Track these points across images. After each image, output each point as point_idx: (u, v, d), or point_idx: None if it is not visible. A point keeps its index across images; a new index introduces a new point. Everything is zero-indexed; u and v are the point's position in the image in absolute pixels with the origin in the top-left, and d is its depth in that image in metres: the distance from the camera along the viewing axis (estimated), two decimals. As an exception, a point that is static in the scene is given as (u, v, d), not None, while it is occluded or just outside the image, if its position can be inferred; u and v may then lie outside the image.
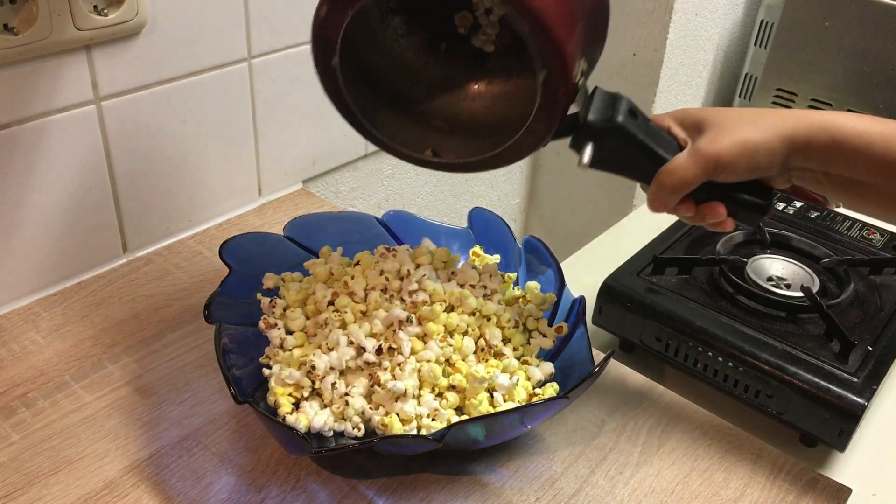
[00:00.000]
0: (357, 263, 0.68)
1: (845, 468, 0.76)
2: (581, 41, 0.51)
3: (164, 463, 0.58)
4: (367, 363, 0.58)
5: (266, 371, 0.59)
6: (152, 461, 0.58)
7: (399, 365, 0.58)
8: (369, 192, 1.07)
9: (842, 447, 0.73)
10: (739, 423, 0.65)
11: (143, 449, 0.59)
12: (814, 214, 1.00)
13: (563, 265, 0.67)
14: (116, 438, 0.59)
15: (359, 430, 0.56)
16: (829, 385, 0.73)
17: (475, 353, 0.61)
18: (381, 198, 1.09)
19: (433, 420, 0.56)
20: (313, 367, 0.58)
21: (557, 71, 0.50)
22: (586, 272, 0.96)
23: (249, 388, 0.59)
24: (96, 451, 0.58)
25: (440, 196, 1.20)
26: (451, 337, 0.61)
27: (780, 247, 0.93)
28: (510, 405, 0.58)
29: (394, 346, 0.59)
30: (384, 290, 0.64)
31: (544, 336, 0.63)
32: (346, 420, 0.56)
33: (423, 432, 0.56)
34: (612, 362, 0.68)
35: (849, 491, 0.59)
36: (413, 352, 0.59)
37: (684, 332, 0.80)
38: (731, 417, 0.65)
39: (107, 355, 0.67)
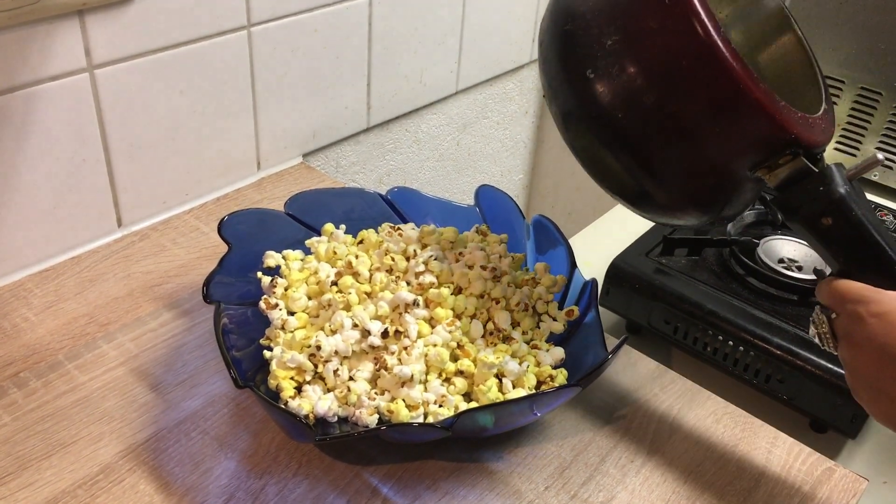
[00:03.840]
0: (361, 242, 0.65)
1: (856, 455, 0.75)
2: None
3: (162, 447, 0.56)
4: (373, 347, 0.56)
5: (267, 353, 0.57)
6: (149, 445, 0.56)
7: (406, 349, 0.56)
8: (371, 167, 1.04)
9: (854, 434, 0.71)
10: (748, 407, 0.63)
11: (139, 432, 0.57)
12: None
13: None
14: (112, 421, 0.57)
15: (372, 414, 0.54)
16: (841, 370, 0.71)
17: (483, 336, 0.59)
18: (382, 172, 1.07)
19: (440, 406, 0.55)
20: (318, 348, 0.56)
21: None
22: (592, 251, 0.94)
23: (250, 370, 0.57)
24: (91, 434, 0.56)
25: (443, 171, 1.18)
26: (459, 320, 0.59)
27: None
28: (520, 392, 0.56)
29: (400, 329, 0.57)
30: (390, 271, 0.62)
31: (554, 320, 0.61)
32: (351, 406, 0.55)
33: (430, 419, 0.54)
34: (623, 347, 0.66)
35: (865, 482, 0.58)
36: (420, 335, 0.57)
37: (693, 315, 0.78)
38: (740, 402, 0.64)
39: (101, 334, 0.65)
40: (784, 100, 0.47)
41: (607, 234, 1.00)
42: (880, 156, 0.50)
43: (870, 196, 0.99)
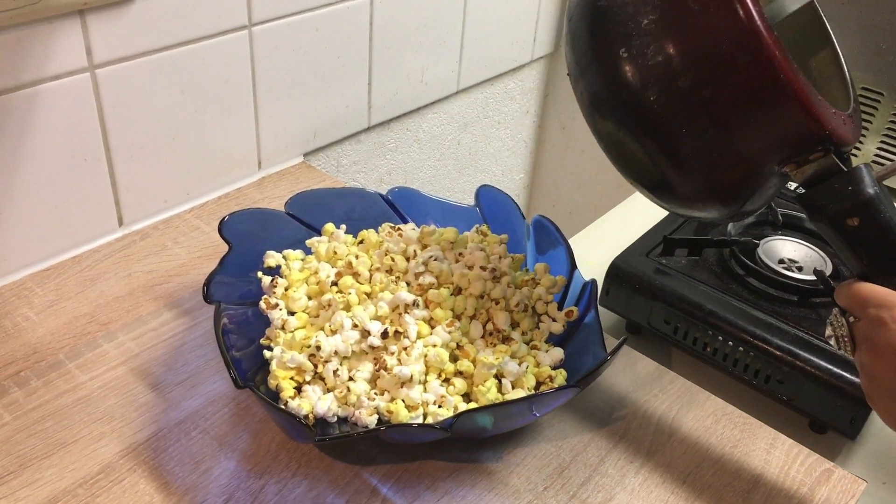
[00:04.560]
0: (361, 242, 0.65)
1: (856, 456, 0.75)
2: None
3: (162, 447, 0.56)
4: (372, 347, 0.56)
5: (267, 353, 0.57)
6: (149, 444, 0.56)
7: (405, 349, 0.56)
8: (371, 166, 1.04)
9: (853, 435, 0.71)
10: (747, 408, 0.63)
11: (139, 432, 0.57)
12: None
13: (570, 243, 0.65)
14: (112, 420, 0.58)
15: (372, 415, 0.54)
16: (841, 371, 0.71)
17: (483, 337, 0.59)
18: (383, 171, 1.07)
19: (440, 407, 0.55)
20: (318, 348, 0.56)
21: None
22: (593, 251, 0.94)
23: (250, 370, 0.57)
24: (91, 434, 0.56)
25: (443, 171, 1.18)
26: (459, 321, 0.59)
27: (793, 228, 0.90)
28: (519, 393, 0.56)
29: (400, 329, 0.57)
30: (389, 271, 0.62)
31: (554, 320, 0.61)
32: (351, 406, 0.55)
33: (430, 419, 0.54)
34: (623, 347, 0.66)
35: (863, 483, 0.58)
36: (420, 336, 0.57)
37: (693, 315, 0.78)
38: (739, 402, 0.64)
39: (102, 333, 0.65)
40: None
41: (608, 234, 1.00)
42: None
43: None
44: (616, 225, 1.02)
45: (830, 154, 0.46)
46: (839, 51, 0.56)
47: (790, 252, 0.85)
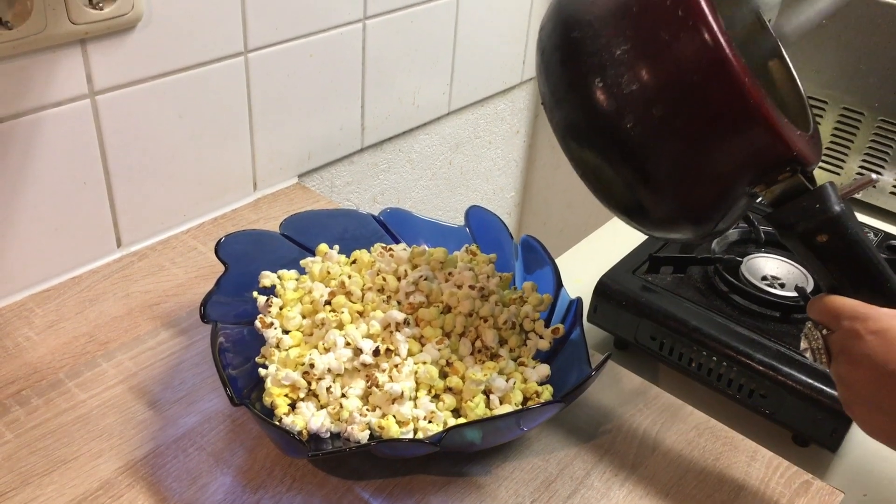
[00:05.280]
0: (354, 262, 0.67)
1: (837, 468, 0.77)
2: None
3: (160, 463, 0.57)
4: (365, 364, 0.58)
5: (262, 371, 0.59)
6: (147, 461, 0.57)
7: (396, 366, 0.58)
8: (365, 187, 1.06)
9: (834, 447, 0.73)
10: (733, 421, 0.65)
11: (137, 448, 0.58)
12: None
13: (558, 261, 0.67)
14: (111, 438, 0.59)
15: (364, 430, 0.56)
16: (822, 386, 0.73)
17: (471, 354, 0.61)
18: (376, 192, 1.09)
19: (430, 422, 0.56)
20: (312, 366, 0.57)
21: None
22: (582, 268, 0.96)
23: (245, 387, 0.58)
24: (91, 451, 0.58)
25: (435, 190, 1.20)
26: (448, 338, 0.61)
27: (775, 246, 0.93)
28: (507, 408, 0.58)
29: (391, 347, 0.59)
30: (381, 291, 0.64)
31: (541, 337, 0.63)
32: (344, 422, 0.56)
33: (420, 434, 0.56)
34: (609, 363, 0.68)
35: (841, 494, 0.59)
36: (410, 353, 0.59)
37: (679, 332, 0.80)
38: (725, 416, 0.66)
39: (101, 352, 0.67)
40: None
41: (597, 252, 1.02)
42: (874, 176, 0.51)
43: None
44: (604, 243, 1.05)
45: (798, 174, 0.49)
46: (786, 56, 0.58)
47: (772, 269, 0.87)
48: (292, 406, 0.58)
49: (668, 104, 0.47)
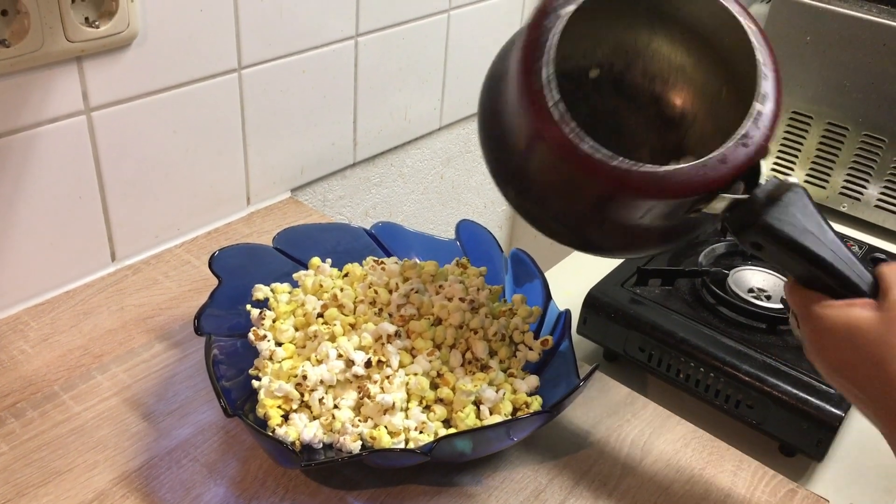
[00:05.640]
0: (346, 275, 0.68)
1: (823, 478, 0.78)
2: None
3: (154, 474, 0.58)
4: (356, 376, 0.59)
5: (256, 383, 0.60)
6: (142, 472, 0.58)
7: (388, 378, 0.59)
8: (357, 200, 1.07)
9: (820, 457, 0.74)
10: (720, 431, 0.66)
11: (132, 460, 0.59)
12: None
13: (549, 273, 0.69)
14: (105, 450, 0.60)
15: (356, 440, 0.57)
16: (807, 396, 0.74)
17: (462, 365, 0.62)
18: (368, 206, 1.10)
19: (421, 433, 0.57)
20: (304, 378, 0.58)
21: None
22: (572, 281, 0.97)
23: (239, 399, 0.59)
24: (86, 463, 0.59)
25: (427, 204, 1.21)
26: (439, 350, 0.62)
27: (762, 259, 0.94)
28: (497, 418, 0.59)
29: (382, 359, 0.60)
30: (373, 303, 0.65)
31: (530, 349, 0.64)
32: (336, 433, 0.57)
33: (411, 445, 0.57)
34: (597, 374, 0.69)
35: (825, 503, 0.60)
36: (401, 365, 0.60)
37: (667, 343, 0.81)
38: (713, 426, 0.67)
39: (95, 365, 0.68)
40: (728, 85, 0.51)
41: (586, 264, 1.03)
42: (793, 179, 0.51)
43: (837, 227, 1.03)
44: (593, 256, 1.06)
45: (721, 195, 0.50)
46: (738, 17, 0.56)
47: (759, 281, 0.89)
48: (285, 417, 0.58)
49: (560, 203, 0.54)
